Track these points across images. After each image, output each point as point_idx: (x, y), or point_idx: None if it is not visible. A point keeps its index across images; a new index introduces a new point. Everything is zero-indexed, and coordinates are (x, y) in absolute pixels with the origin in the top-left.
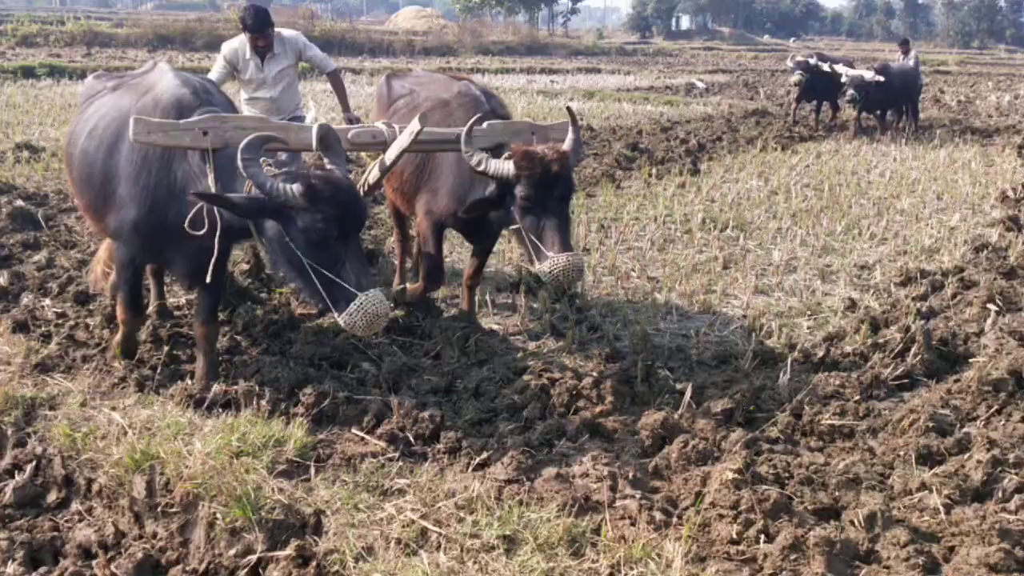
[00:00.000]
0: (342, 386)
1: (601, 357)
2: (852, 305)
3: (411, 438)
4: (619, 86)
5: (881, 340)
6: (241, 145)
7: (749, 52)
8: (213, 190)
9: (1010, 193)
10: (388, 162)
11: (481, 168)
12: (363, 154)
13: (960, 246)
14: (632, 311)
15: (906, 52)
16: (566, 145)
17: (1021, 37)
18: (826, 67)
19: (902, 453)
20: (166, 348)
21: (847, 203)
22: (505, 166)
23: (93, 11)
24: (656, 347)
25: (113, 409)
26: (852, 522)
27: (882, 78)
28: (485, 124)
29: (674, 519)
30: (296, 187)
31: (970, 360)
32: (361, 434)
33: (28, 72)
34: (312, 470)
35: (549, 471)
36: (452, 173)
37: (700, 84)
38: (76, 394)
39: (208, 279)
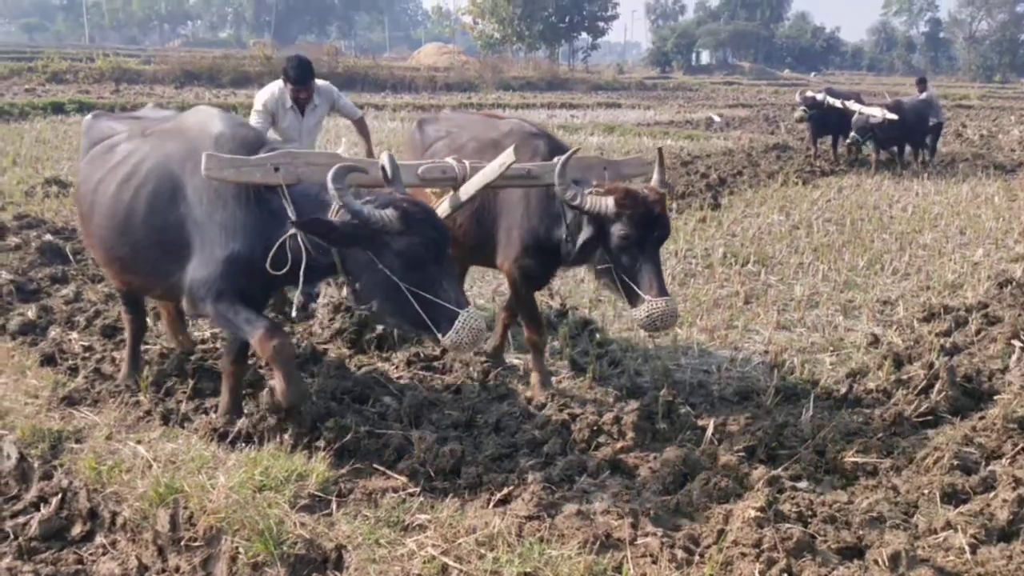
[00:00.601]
0: (364, 420)
1: (622, 393)
2: (875, 341)
3: (432, 473)
4: (639, 121)
5: (904, 376)
6: (331, 174)
7: (769, 87)
8: (294, 228)
9: None
10: (465, 196)
11: (577, 203)
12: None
13: (984, 281)
14: (653, 346)
15: (923, 90)
16: (655, 184)
17: None
18: (837, 103)
19: (926, 491)
20: (191, 382)
21: (869, 238)
22: (604, 202)
23: (121, 48)
24: (677, 383)
25: (138, 442)
26: (876, 561)
27: (894, 116)
28: (555, 160)
29: (696, 557)
30: (391, 212)
31: (995, 397)
32: (382, 469)
33: (58, 108)
34: (334, 504)
35: (570, 508)
36: (524, 213)
37: (717, 118)
38: (102, 427)
39: (294, 313)
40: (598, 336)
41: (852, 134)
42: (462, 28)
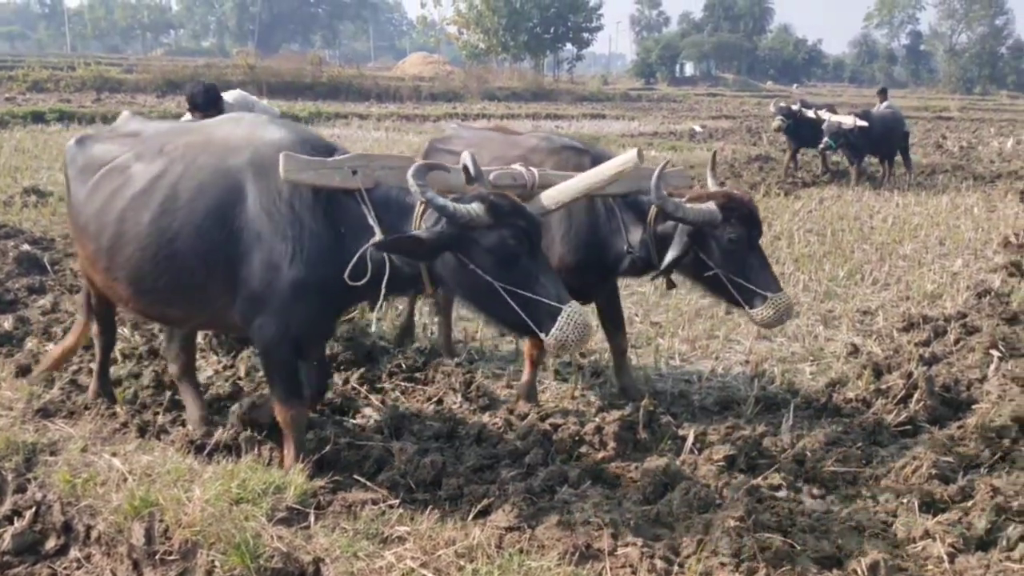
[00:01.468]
0: (344, 432)
1: (604, 403)
2: (854, 351)
3: (412, 484)
4: (623, 132)
5: (884, 386)
6: (411, 171)
7: (752, 98)
8: (377, 232)
9: (1012, 239)
10: (553, 204)
11: (680, 214)
12: None
13: (963, 292)
14: (635, 356)
15: (883, 99)
16: (711, 185)
17: (1023, 83)
18: (810, 113)
19: (905, 500)
20: (168, 393)
21: (850, 248)
22: (707, 210)
23: (103, 57)
24: (659, 392)
25: (114, 455)
26: (855, 571)
27: (865, 123)
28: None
29: (676, 568)
30: (477, 206)
31: (973, 406)
32: (362, 480)
33: (38, 117)
34: (312, 517)
35: (551, 518)
36: (568, 229)
37: (699, 129)
38: (77, 440)
39: (374, 327)
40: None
41: (825, 139)
42: (447, 38)
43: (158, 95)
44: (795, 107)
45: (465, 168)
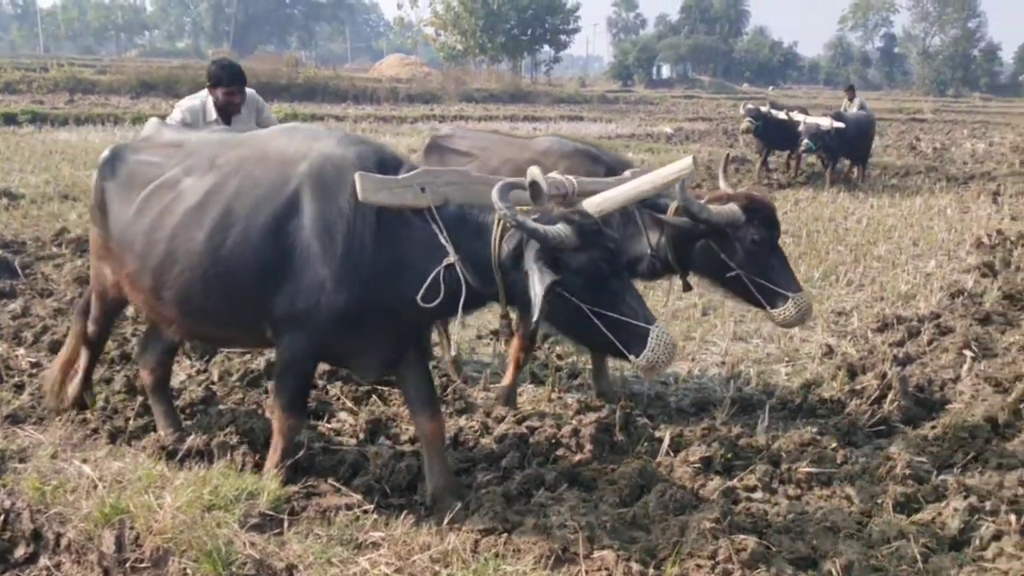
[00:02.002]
0: (318, 436)
1: (581, 405)
2: (829, 351)
3: (388, 489)
4: (601, 134)
5: (858, 387)
6: (496, 192)
7: (728, 100)
8: (451, 252)
9: (985, 239)
10: (599, 212)
11: (704, 216)
12: None
13: (936, 292)
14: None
15: (852, 99)
16: (723, 187)
17: (995, 86)
18: (782, 115)
19: (880, 501)
20: (140, 399)
21: (824, 249)
22: (731, 211)
23: (76, 58)
24: (636, 394)
25: (84, 461)
26: (830, 572)
27: (842, 125)
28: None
29: (651, 570)
30: (563, 227)
31: (946, 407)
32: (337, 485)
33: (10, 119)
34: (285, 523)
35: (527, 522)
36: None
37: (668, 130)
38: (47, 446)
39: (453, 352)
40: (557, 348)
41: (805, 141)
42: (424, 40)
43: (132, 96)
44: (764, 109)
45: (535, 185)
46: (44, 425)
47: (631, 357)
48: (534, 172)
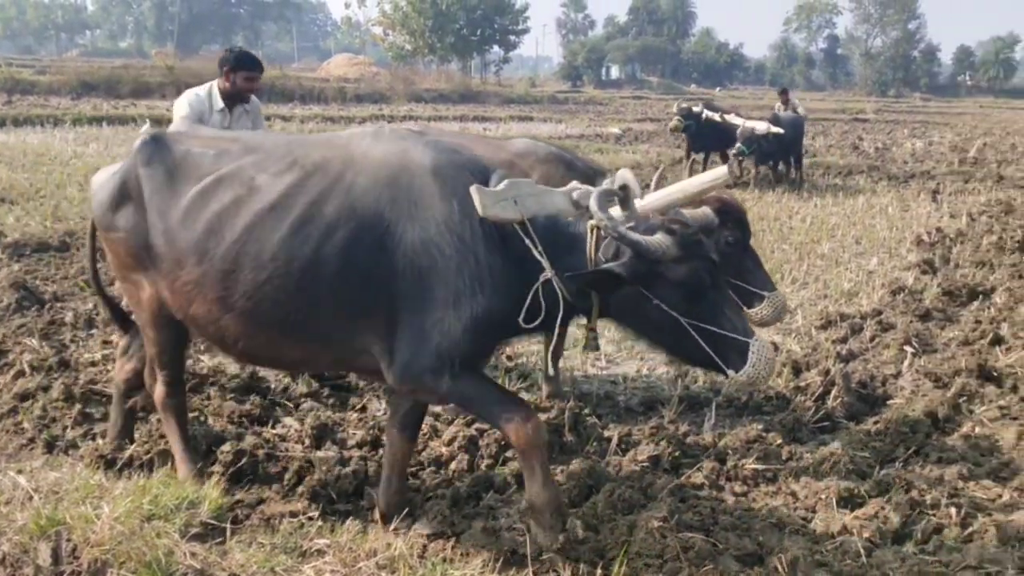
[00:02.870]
0: (263, 443)
1: (531, 406)
2: (774, 348)
3: (333, 495)
4: (551, 134)
5: (802, 383)
6: (595, 201)
7: (676, 101)
8: (546, 266)
9: (925, 237)
10: None
11: (680, 219)
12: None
13: (878, 289)
14: (562, 359)
15: (786, 102)
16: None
17: (935, 86)
18: (717, 117)
19: (824, 496)
20: (79, 406)
21: (770, 248)
22: (702, 214)
23: (15, 58)
24: (585, 394)
25: (19, 472)
26: (776, 568)
27: (781, 130)
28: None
29: (599, 570)
30: (663, 237)
31: (888, 402)
32: (281, 493)
33: None
34: (228, 532)
35: (476, 525)
36: None
37: (616, 130)
38: None
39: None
40: (507, 350)
41: (738, 145)
42: (372, 39)
43: (72, 97)
44: (697, 109)
45: (626, 190)
46: None
47: (730, 372)
48: (626, 175)
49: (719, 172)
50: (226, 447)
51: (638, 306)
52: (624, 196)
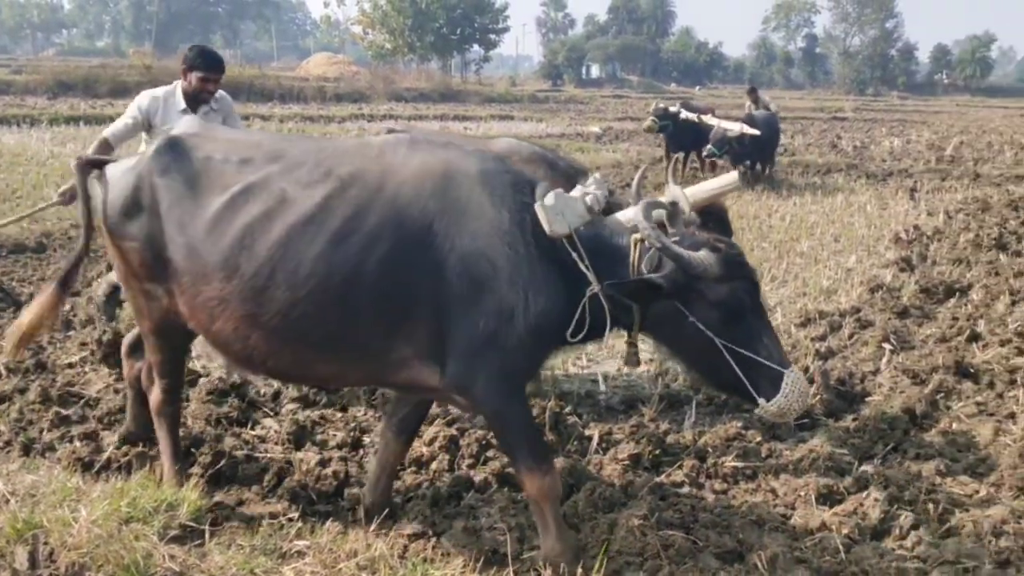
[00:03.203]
0: (242, 444)
1: None
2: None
3: (313, 496)
4: (532, 133)
5: None
6: (641, 212)
7: (655, 100)
8: (593, 280)
9: (903, 235)
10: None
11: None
12: None
13: (856, 287)
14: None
15: (756, 100)
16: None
17: (912, 85)
18: (693, 117)
19: (803, 493)
20: (56, 408)
21: (749, 246)
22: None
23: None
24: (566, 393)
25: None
26: (756, 565)
27: (757, 132)
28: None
29: (580, 569)
30: (707, 255)
31: (867, 399)
32: (261, 494)
33: None
34: (207, 534)
35: (457, 525)
36: None
37: (597, 129)
38: None
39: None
40: None
41: (709, 147)
42: (352, 38)
43: (49, 97)
44: (674, 109)
45: (675, 205)
46: None
47: (760, 400)
48: (676, 191)
49: (730, 178)
50: (205, 449)
51: (675, 323)
52: (672, 211)
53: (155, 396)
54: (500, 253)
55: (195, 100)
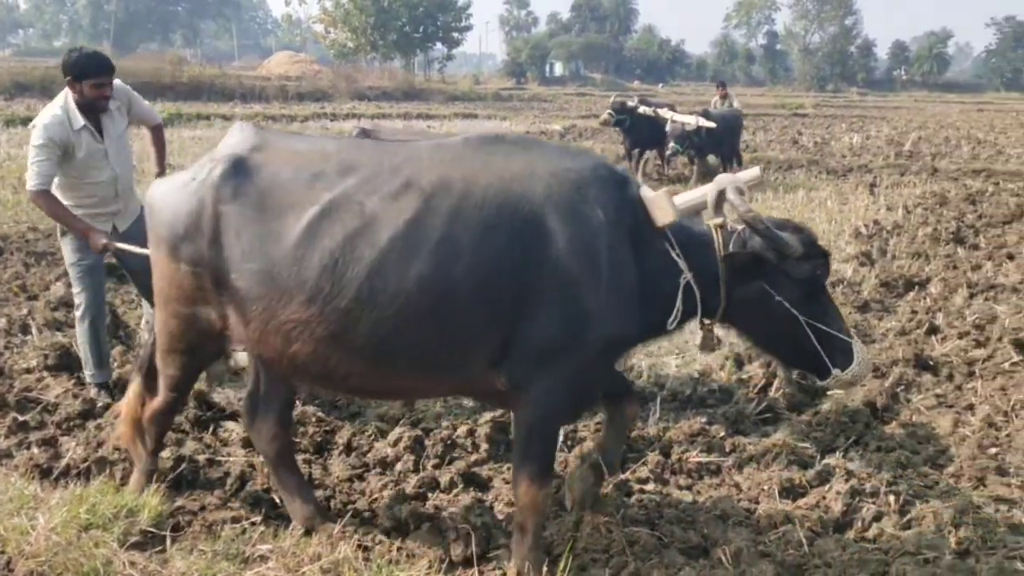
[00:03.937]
0: (204, 448)
1: (477, 405)
2: (718, 342)
3: (277, 500)
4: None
5: (745, 376)
6: (737, 197)
7: (620, 97)
8: (685, 270)
9: (863, 230)
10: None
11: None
12: None
13: None
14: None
15: (724, 96)
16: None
17: (871, 81)
18: (650, 111)
19: (766, 487)
20: (13, 414)
21: None
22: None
23: None
24: None
25: None
26: (720, 560)
27: (713, 124)
28: None
29: (545, 567)
30: (791, 236)
31: (828, 393)
32: (223, 498)
33: None
34: (168, 540)
35: (422, 526)
36: None
37: (559, 127)
38: None
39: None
40: None
41: (671, 144)
42: (314, 37)
43: (5, 98)
44: (632, 103)
45: (723, 194)
46: None
47: (835, 371)
48: (724, 180)
49: (752, 172)
50: (166, 453)
51: (761, 303)
52: (720, 200)
53: (155, 404)
54: (592, 255)
55: (92, 109)
